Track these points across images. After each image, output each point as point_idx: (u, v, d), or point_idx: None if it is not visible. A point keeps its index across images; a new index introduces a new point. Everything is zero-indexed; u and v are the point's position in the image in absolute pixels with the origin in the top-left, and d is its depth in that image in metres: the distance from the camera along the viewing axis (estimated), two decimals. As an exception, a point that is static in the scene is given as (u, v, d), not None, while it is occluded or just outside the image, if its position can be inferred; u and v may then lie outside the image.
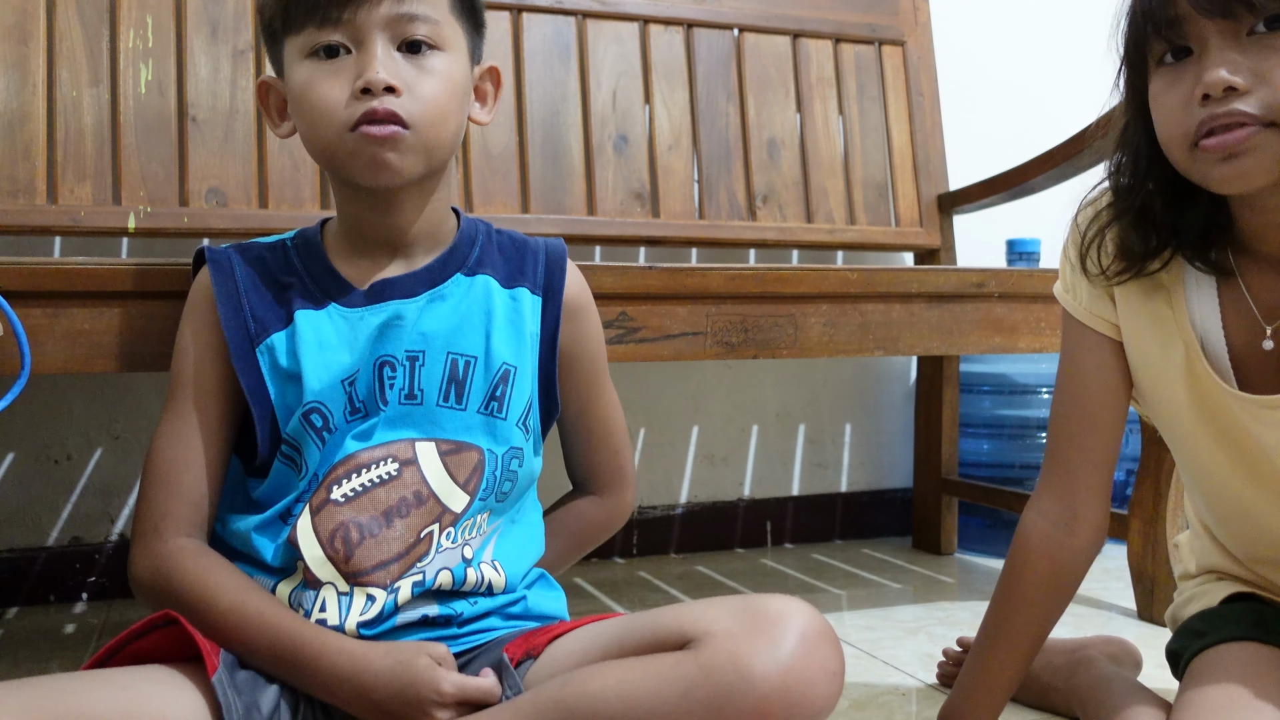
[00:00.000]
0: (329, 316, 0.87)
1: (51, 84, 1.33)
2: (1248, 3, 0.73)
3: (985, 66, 2.04)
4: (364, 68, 0.82)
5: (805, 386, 1.93)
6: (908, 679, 1.16)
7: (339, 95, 0.82)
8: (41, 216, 1.30)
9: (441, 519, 0.85)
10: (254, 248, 0.90)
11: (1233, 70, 0.73)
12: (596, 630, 0.83)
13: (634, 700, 0.71)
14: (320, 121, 0.83)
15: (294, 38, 0.85)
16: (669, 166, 1.64)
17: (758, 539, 1.89)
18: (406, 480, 0.85)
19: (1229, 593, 0.94)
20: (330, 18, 0.83)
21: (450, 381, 0.87)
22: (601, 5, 1.63)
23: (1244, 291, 0.85)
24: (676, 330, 1.11)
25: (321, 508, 0.83)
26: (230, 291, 0.87)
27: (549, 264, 0.94)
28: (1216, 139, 0.74)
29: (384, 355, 0.86)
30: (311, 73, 0.83)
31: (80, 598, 1.52)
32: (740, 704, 0.69)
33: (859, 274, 1.19)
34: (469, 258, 0.91)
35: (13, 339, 0.81)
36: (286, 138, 0.91)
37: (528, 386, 0.91)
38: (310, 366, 0.85)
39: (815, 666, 0.71)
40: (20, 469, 1.49)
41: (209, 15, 1.41)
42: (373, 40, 0.82)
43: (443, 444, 0.87)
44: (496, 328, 0.89)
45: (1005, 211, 1.84)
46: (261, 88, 0.91)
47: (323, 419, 0.85)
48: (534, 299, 0.92)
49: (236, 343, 0.85)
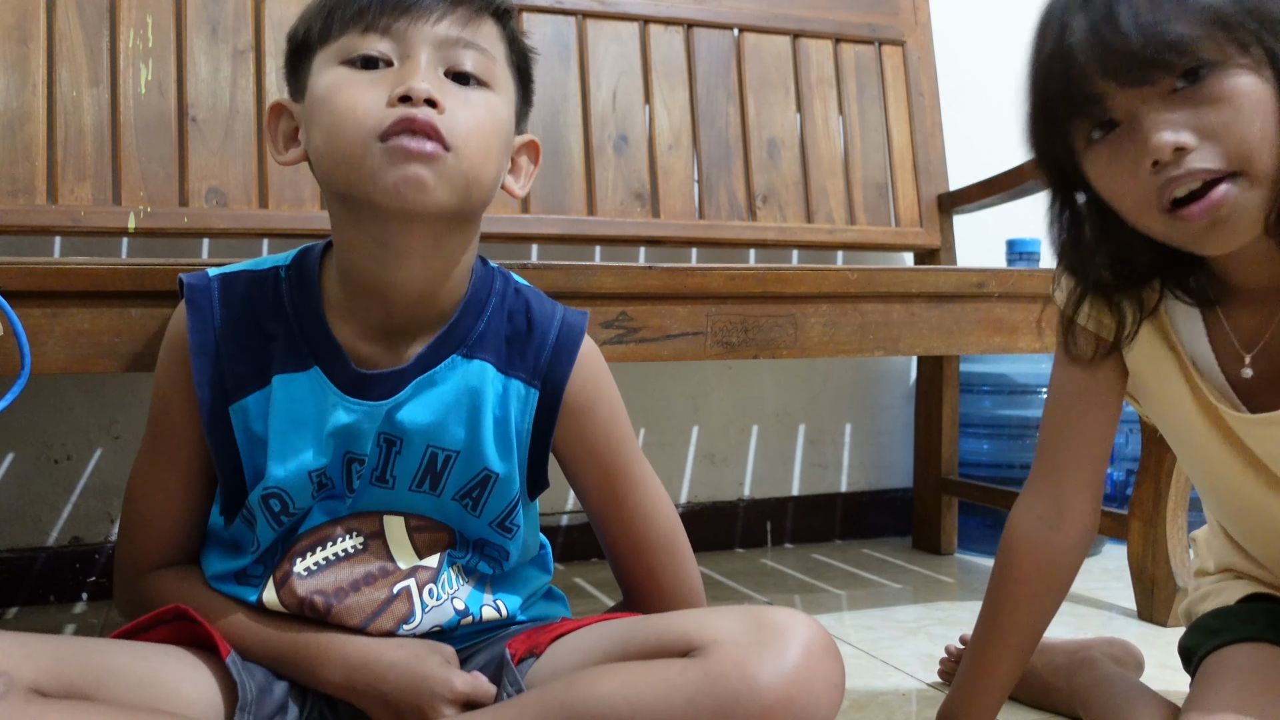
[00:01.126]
0: (309, 382, 0.81)
1: (51, 84, 1.33)
2: (1163, 64, 0.72)
3: (986, 66, 2.03)
4: (405, 76, 0.74)
5: (805, 386, 1.93)
6: (908, 679, 1.16)
7: (370, 102, 0.74)
8: (41, 216, 1.30)
9: (416, 575, 0.84)
10: (240, 281, 0.83)
11: (1175, 130, 0.72)
12: (600, 632, 0.82)
13: (640, 704, 0.71)
14: (344, 127, 0.74)
15: (329, 45, 0.78)
16: (669, 166, 1.64)
17: (758, 539, 1.89)
18: (371, 553, 0.83)
19: (1246, 593, 0.94)
20: (378, 25, 0.76)
21: (426, 473, 0.83)
22: (601, 5, 1.63)
23: (1223, 320, 0.85)
24: (676, 330, 1.11)
25: (284, 581, 0.81)
26: (206, 344, 0.81)
27: (555, 353, 0.85)
28: (1199, 206, 0.73)
29: (354, 452, 0.82)
30: (341, 77, 0.76)
31: (80, 598, 1.52)
32: (745, 712, 0.70)
33: (859, 274, 1.19)
34: (469, 335, 0.83)
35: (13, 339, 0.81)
36: (289, 164, 0.84)
37: (512, 490, 0.85)
38: (277, 448, 0.80)
39: (819, 678, 0.72)
40: (20, 469, 1.49)
41: (209, 15, 1.41)
42: (420, 55, 0.76)
43: (413, 519, 0.84)
44: (484, 426, 0.83)
45: (1005, 211, 1.84)
46: (274, 110, 0.84)
47: (281, 504, 0.82)
48: (529, 392, 0.85)
49: (208, 403, 0.81)
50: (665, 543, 0.91)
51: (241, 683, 0.76)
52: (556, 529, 1.75)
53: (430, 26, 0.76)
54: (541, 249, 1.68)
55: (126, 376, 1.52)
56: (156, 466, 0.85)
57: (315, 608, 0.81)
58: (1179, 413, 0.89)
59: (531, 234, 1.56)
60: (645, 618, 0.82)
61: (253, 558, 0.83)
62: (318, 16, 0.79)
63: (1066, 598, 0.94)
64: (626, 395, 0.92)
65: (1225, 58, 0.72)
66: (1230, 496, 0.91)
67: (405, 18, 0.76)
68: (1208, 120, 0.72)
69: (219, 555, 0.86)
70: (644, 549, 0.91)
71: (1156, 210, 0.75)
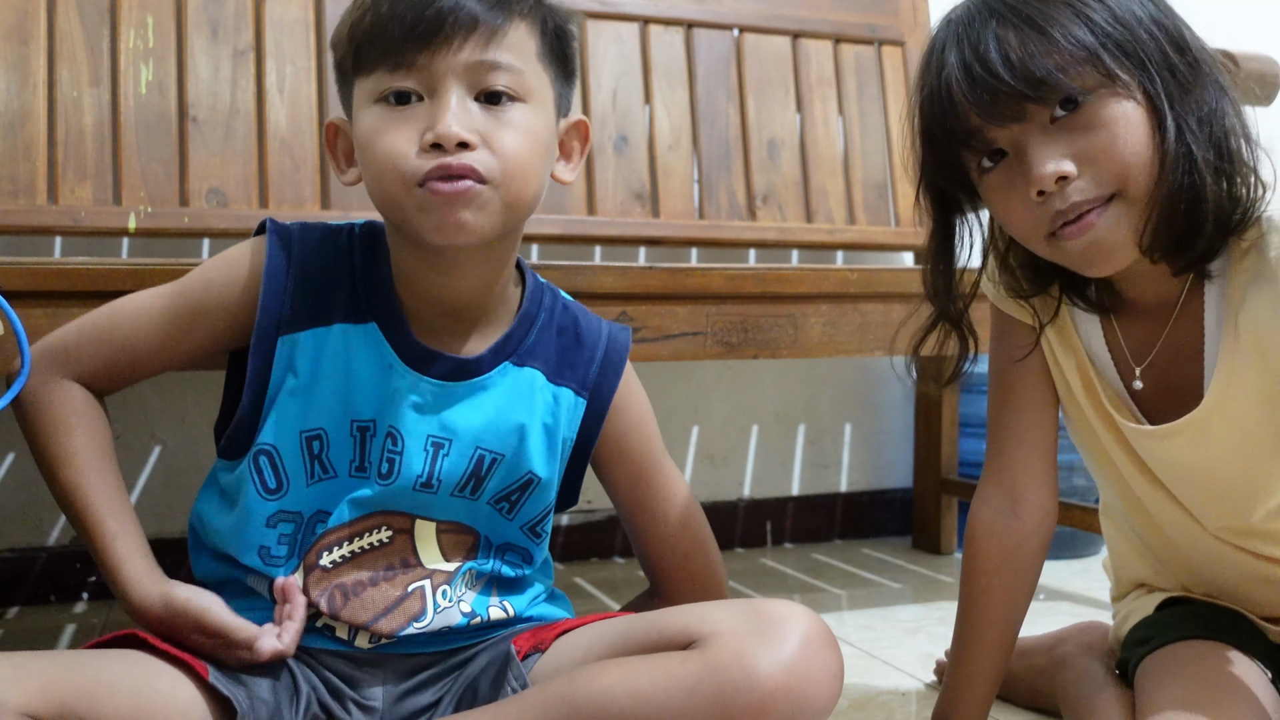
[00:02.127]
0: (366, 337, 0.83)
1: (52, 84, 1.33)
2: (1034, 99, 0.74)
3: (985, 66, 2.04)
4: (435, 119, 0.75)
5: (805, 386, 1.93)
6: (907, 679, 1.17)
7: (406, 146, 0.75)
8: (42, 217, 1.30)
9: (432, 578, 0.85)
10: (316, 230, 0.85)
11: (1057, 159, 0.75)
12: (602, 628, 0.83)
13: (641, 695, 0.72)
14: (385, 174, 0.76)
15: (364, 80, 0.79)
16: (669, 166, 1.64)
17: (758, 539, 1.89)
18: (396, 547, 0.84)
19: (1161, 599, 0.96)
20: (403, 62, 0.76)
21: (470, 477, 0.85)
22: (601, 5, 1.63)
23: (1118, 330, 0.88)
24: (676, 330, 1.11)
25: (310, 571, 0.83)
26: (278, 270, 0.82)
27: (604, 365, 0.90)
28: (1073, 228, 0.76)
29: (395, 427, 0.83)
30: (379, 120, 0.77)
31: (81, 597, 1.52)
32: (745, 701, 0.71)
33: (859, 274, 1.20)
34: (522, 344, 0.86)
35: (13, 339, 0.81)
36: (352, 184, 0.84)
37: (549, 496, 0.88)
38: (327, 392, 0.82)
39: (817, 667, 0.73)
40: (20, 469, 1.49)
41: (209, 15, 1.41)
42: (448, 89, 0.76)
43: (444, 524, 0.86)
44: (532, 432, 0.86)
45: (1005, 211, 1.84)
46: (330, 130, 0.85)
47: (321, 445, 0.83)
48: (577, 401, 0.89)
49: (264, 326, 0.82)
50: (695, 527, 0.96)
51: (233, 695, 0.76)
52: (557, 529, 1.75)
53: (454, 56, 0.76)
54: (542, 249, 1.68)
55: (127, 376, 1.52)
56: (159, 309, 0.84)
57: (334, 603, 0.82)
58: (1083, 418, 0.92)
59: (531, 234, 1.56)
60: (646, 614, 0.83)
61: (277, 503, 0.82)
62: (349, 49, 0.79)
63: (1063, 597, 0.94)
64: (626, 395, 0.92)
65: (1097, 85, 0.74)
66: (1134, 503, 0.93)
67: (427, 51, 0.76)
68: (1087, 146, 0.75)
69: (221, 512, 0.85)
70: (678, 537, 0.95)
71: (1042, 237, 0.78)
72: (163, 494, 1.54)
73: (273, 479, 0.83)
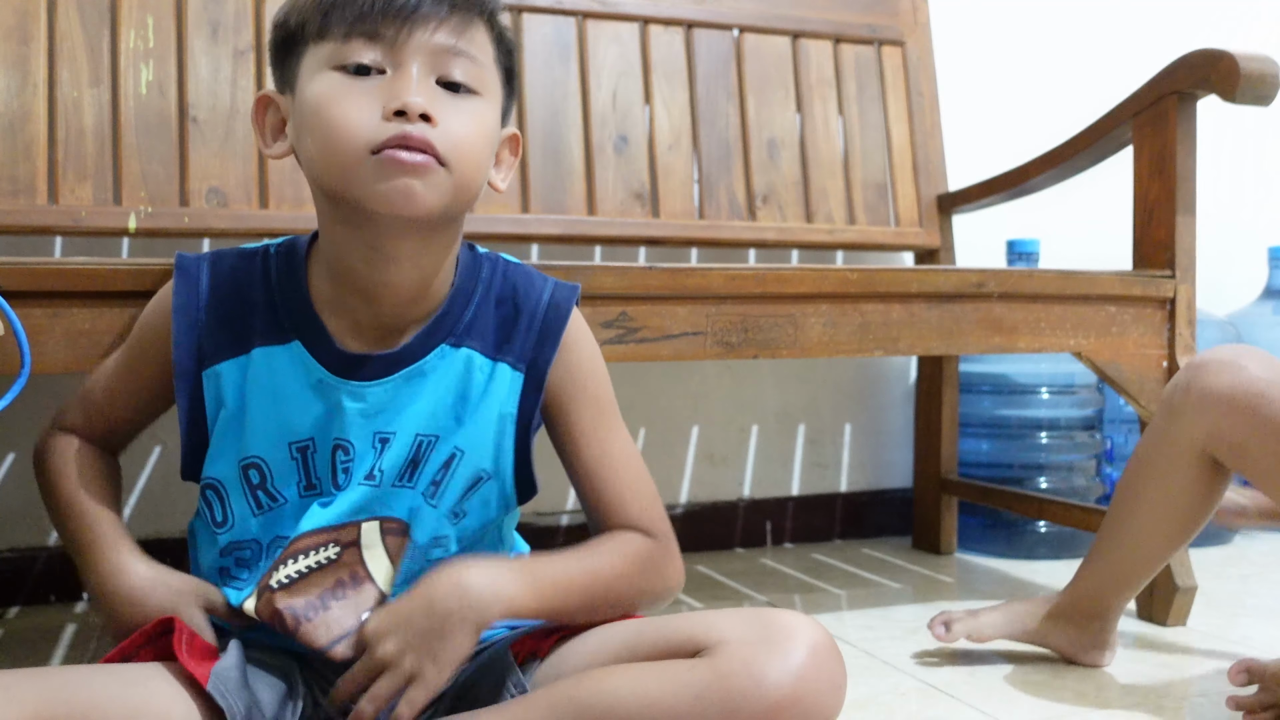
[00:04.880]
0: (290, 356, 0.82)
1: (52, 84, 1.33)
2: None
3: (985, 66, 2.04)
4: (400, 90, 0.74)
5: (805, 386, 1.93)
6: (907, 678, 1.17)
7: (364, 115, 0.74)
8: (42, 216, 1.30)
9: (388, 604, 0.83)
10: (228, 257, 0.85)
11: None
12: (607, 634, 0.83)
13: (649, 700, 0.72)
14: (338, 140, 0.75)
15: (319, 46, 0.77)
16: (669, 166, 1.64)
17: (758, 539, 1.89)
18: (344, 561, 0.83)
19: None
20: (372, 33, 0.75)
21: (410, 463, 0.84)
22: (601, 5, 1.63)
23: None
24: (676, 330, 1.11)
25: (263, 591, 0.82)
26: (189, 306, 0.83)
27: (541, 334, 0.87)
28: None
29: (341, 439, 0.82)
30: (334, 87, 0.76)
31: (81, 597, 1.52)
32: (753, 709, 0.71)
33: (859, 274, 1.20)
34: (457, 325, 0.84)
35: (13, 339, 0.81)
36: (276, 158, 0.84)
37: (474, 470, 0.86)
38: (257, 417, 0.82)
39: (824, 678, 0.73)
40: (20, 469, 1.49)
41: (209, 15, 1.41)
42: (411, 66, 0.76)
43: (386, 522, 0.84)
44: (467, 411, 0.84)
45: (1005, 211, 1.84)
46: (261, 103, 0.83)
47: (261, 476, 0.82)
48: (514, 376, 0.86)
49: (182, 363, 0.83)
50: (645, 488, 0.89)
51: (228, 707, 0.75)
52: (556, 529, 1.75)
53: (427, 36, 0.76)
54: (541, 249, 1.68)
55: (127, 376, 1.52)
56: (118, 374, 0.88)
57: (284, 623, 0.81)
58: None
59: (531, 234, 1.56)
60: (652, 620, 0.83)
61: (229, 537, 0.84)
62: (314, 13, 0.78)
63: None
64: (626, 395, 0.92)
65: None
66: None
67: (404, 27, 0.75)
68: None
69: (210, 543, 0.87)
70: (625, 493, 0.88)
71: None
72: (163, 494, 1.54)
73: (220, 512, 0.84)
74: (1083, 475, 1.83)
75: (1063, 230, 2.01)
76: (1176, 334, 1.35)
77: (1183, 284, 1.36)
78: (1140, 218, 1.41)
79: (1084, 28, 2.13)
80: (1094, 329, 1.32)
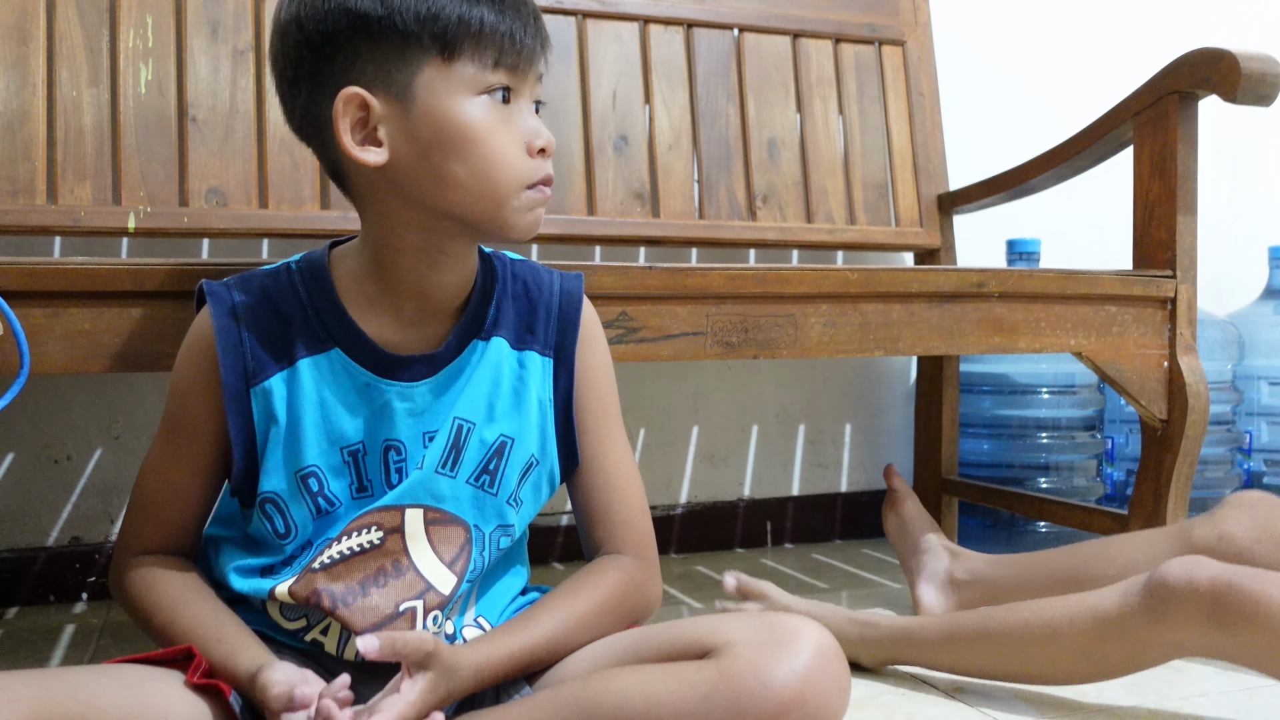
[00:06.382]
0: (331, 364, 0.84)
1: (51, 84, 1.33)
2: None
3: (985, 66, 2.04)
4: (537, 126, 0.81)
5: (805, 386, 1.93)
6: (908, 679, 1.17)
7: (516, 149, 0.80)
8: (41, 216, 1.30)
9: (426, 598, 0.84)
10: (255, 277, 0.86)
11: None
12: (612, 638, 0.84)
13: (656, 699, 0.73)
14: (500, 175, 0.79)
15: (454, 64, 0.77)
16: (669, 166, 1.64)
17: (758, 539, 1.89)
18: (388, 548, 0.84)
19: None
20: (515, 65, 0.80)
21: (451, 449, 0.86)
22: (601, 5, 1.63)
23: None
24: (676, 330, 1.11)
25: (302, 575, 0.83)
26: (229, 328, 0.83)
27: (561, 320, 0.91)
28: None
29: (392, 439, 0.84)
30: (490, 115, 0.79)
31: (80, 598, 1.52)
32: (760, 709, 0.72)
33: (859, 274, 1.19)
34: (486, 319, 0.88)
35: (12, 339, 0.81)
36: (368, 165, 0.78)
37: (526, 456, 0.89)
38: (310, 428, 0.83)
39: (829, 680, 0.74)
40: (20, 469, 1.49)
41: (209, 15, 1.41)
42: (527, 94, 0.82)
43: (430, 511, 0.85)
44: (501, 397, 0.88)
45: (1005, 211, 1.84)
46: (354, 101, 0.77)
47: (319, 483, 0.84)
48: (544, 362, 0.90)
49: (231, 384, 0.83)
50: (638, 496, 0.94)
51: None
52: (556, 529, 1.75)
53: (539, 66, 0.83)
54: (541, 249, 1.68)
55: (126, 376, 1.52)
56: (168, 457, 0.87)
57: (321, 603, 0.82)
58: None
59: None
60: (658, 624, 0.83)
61: (295, 545, 0.84)
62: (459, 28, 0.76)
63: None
64: (627, 395, 0.93)
65: None
66: None
67: (530, 57, 0.81)
68: None
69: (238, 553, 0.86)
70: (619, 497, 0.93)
71: None
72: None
73: (282, 524, 0.85)
74: (1083, 475, 1.83)
75: (1063, 230, 2.01)
76: (1177, 334, 1.35)
77: (1183, 284, 1.36)
78: (1141, 217, 1.41)
79: (1084, 27, 2.13)
80: (1094, 329, 1.32)
